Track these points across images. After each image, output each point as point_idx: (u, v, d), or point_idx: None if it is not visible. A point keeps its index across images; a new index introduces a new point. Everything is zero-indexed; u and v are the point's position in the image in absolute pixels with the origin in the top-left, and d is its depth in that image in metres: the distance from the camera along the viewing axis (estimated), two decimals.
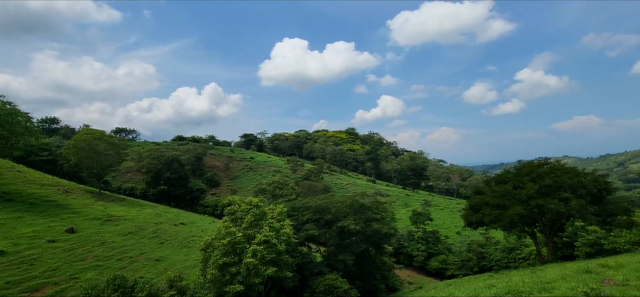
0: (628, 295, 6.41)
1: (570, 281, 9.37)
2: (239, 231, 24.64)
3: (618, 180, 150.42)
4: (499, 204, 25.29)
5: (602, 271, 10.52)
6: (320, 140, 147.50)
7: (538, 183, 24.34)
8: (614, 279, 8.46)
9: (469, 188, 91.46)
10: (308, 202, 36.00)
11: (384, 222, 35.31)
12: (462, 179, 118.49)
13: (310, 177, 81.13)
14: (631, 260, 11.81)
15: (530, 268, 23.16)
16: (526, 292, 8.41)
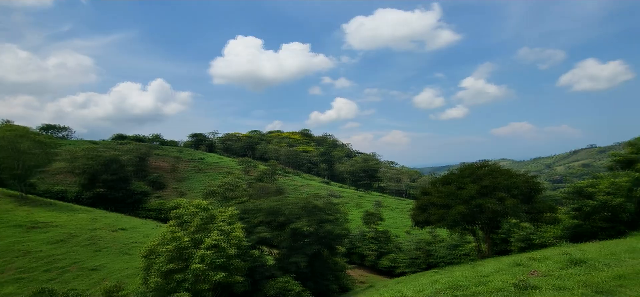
0: (549, 284, 7.19)
1: (504, 274, 10.29)
2: (186, 236, 23.48)
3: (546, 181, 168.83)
4: (444, 204, 27.01)
5: (530, 263, 11.68)
6: (274, 141, 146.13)
7: (478, 184, 26.42)
8: (540, 270, 9.44)
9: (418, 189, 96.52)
10: (260, 204, 35.42)
11: (337, 223, 35.90)
12: (411, 181, 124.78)
13: (263, 178, 79.91)
14: (554, 252, 13.27)
15: (471, 263, 25.07)
16: (465, 287, 9.08)
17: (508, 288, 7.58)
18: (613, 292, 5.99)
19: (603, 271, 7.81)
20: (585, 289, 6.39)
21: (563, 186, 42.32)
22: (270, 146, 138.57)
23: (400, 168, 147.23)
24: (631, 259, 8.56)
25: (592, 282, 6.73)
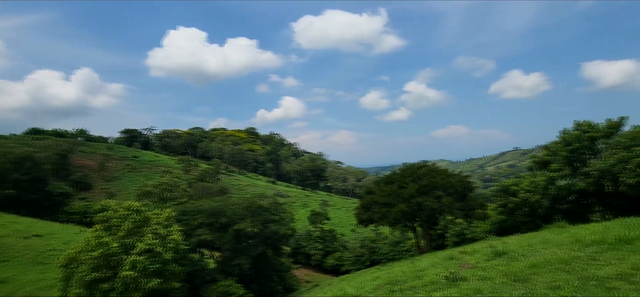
0: (476, 275, 7.85)
1: (438, 268, 11.02)
2: (115, 241, 21.55)
3: (478, 180, 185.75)
4: (387, 203, 28.28)
5: (461, 256, 12.68)
6: (218, 139, 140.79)
7: (418, 183, 28.11)
8: (469, 262, 10.28)
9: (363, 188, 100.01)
10: (201, 204, 33.86)
11: (282, 223, 35.71)
12: (357, 180, 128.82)
13: (205, 178, 76.54)
14: (482, 246, 14.55)
15: (410, 259, 26.58)
16: (403, 281, 9.56)
17: (440, 281, 8.12)
18: (527, 280, 6.72)
19: (521, 261, 8.73)
20: (505, 278, 7.09)
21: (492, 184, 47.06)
22: (214, 144, 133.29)
23: (347, 168, 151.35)
24: (543, 249, 9.69)
25: (511, 272, 7.48)
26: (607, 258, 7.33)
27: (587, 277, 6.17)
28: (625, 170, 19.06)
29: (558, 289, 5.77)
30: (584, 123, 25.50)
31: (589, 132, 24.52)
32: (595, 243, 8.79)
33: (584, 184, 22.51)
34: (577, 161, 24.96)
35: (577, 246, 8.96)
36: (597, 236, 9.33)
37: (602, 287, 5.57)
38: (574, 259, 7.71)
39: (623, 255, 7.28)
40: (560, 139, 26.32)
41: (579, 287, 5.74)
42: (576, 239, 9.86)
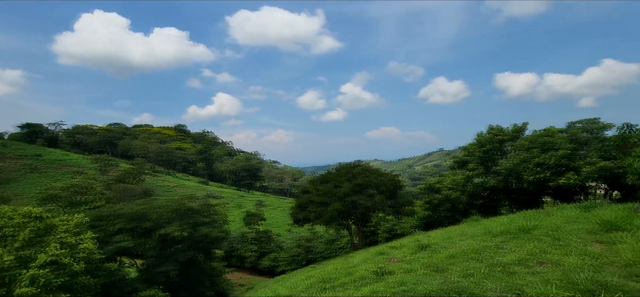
0: (401, 268, 8.37)
1: (369, 263, 11.51)
2: (8, 253, 18.52)
3: (407, 179, 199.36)
4: (322, 202, 28.84)
5: (390, 251, 13.42)
6: (142, 137, 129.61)
7: (352, 182, 29.16)
8: (397, 257, 10.91)
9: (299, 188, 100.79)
10: (121, 208, 30.83)
11: (214, 225, 34.23)
12: (294, 180, 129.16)
13: (126, 179, 69.82)
14: (409, 240, 15.58)
15: (344, 256, 27.44)
16: (335, 279, 9.79)
17: (370, 276, 8.48)
18: (446, 269, 7.36)
19: (441, 252, 9.52)
20: (427, 270, 7.67)
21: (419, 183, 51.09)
22: (138, 142, 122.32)
23: (283, 167, 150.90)
24: (460, 241, 10.71)
25: (432, 263, 8.11)
26: (510, 246, 8.34)
27: (494, 264, 6.95)
28: (527, 169, 22.03)
29: (470, 277, 6.40)
30: (496, 127, 28.89)
31: (499, 135, 27.85)
32: (502, 234, 9.95)
33: (495, 181, 25.48)
34: (489, 160, 28.17)
35: (488, 237, 10.05)
36: (504, 227, 10.57)
37: (505, 272, 6.31)
38: (484, 248, 8.63)
39: (523, 243, 8.36)
40: (476, 141, 29.47)
41: (487, 273, 6.43)
42: (487, 230, 11.05)
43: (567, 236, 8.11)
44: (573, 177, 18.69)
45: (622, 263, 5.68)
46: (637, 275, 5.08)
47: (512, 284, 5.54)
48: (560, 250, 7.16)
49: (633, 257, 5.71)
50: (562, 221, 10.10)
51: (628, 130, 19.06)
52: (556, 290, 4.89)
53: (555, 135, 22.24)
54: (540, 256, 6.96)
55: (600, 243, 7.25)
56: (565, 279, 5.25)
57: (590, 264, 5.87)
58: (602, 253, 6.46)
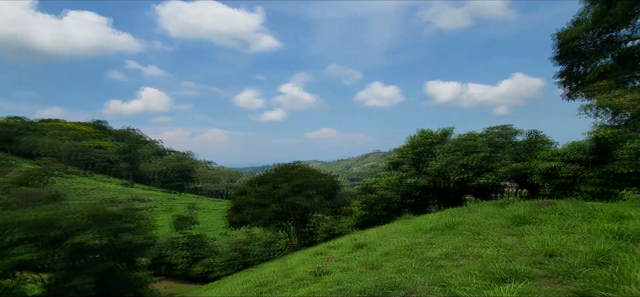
0: (339, 267, 8.57)
1: (306, 264, 11.58)
2: None
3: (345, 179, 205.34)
4: (260, 203, 28.34)
5: (328, 251, 13.66)
6: (51, 133, 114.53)
7: (291, 183, 29.16)
8: (334, 256, 11.13)
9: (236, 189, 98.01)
10: (21, 215, 26.77)
11: (139, 231, 31.54)
12: (230, 181, 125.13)
13: (29, 181, 60.94)
14: (346, 240, 16.04)
15: (282, 258, 27.32)
16: (272, 282, 9.66)
17: (307, 277, 8.53)
18: (380, 266, 7.71)
19: (376, 250, 9.96)
20: (363, 268, 7.96)
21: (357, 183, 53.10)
22: (46, 139, 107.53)
23: (219, 168, 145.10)
24: (394, 238, 11.31)
25: (368, 261, 8.44)
26: (438, 242, 9.04)
27: (423, 259, 7.46)
28: (453, 170, 24.16)
29: (402, 272, 6.78)
30: (426, 131, 31.19)
31: (429, 138, 30.12)
32: (431, 230, 10.74)
33: (425, 181, 27.48)
34: (420, 162, 30.31)
35: (419, 234, 10.77)
36: (433, 224, 11.43)
37: (433, 266, 6.82)
38: (415, 244, 9.22)
39: (449, 238, 9.11)
40: (409, 144, 31.51)
41: (418, 268, 6.88)
42: (418, 228, 11.84)
43: (485, 230, 9.04)
44: (490, 177, 20.98)
45: (529, 253, 6.49)
46: (540, 262, 5.84)
47: (439, 277, 5.99)
48: (480, 243, 7.95)
49: (537, 247, 6.56)
50: (481, 217, 11.23)
51: (534, 136, 21.99)
52: (476, 280, 5.41)
53: (476, 140, 24.73)
54: (463, 250, 7.65)
55: (512, 236, 8.21)
56: (484, 269, 5.84)
57: (504, 254, 6.61)
58: (513, 245, 7.32)
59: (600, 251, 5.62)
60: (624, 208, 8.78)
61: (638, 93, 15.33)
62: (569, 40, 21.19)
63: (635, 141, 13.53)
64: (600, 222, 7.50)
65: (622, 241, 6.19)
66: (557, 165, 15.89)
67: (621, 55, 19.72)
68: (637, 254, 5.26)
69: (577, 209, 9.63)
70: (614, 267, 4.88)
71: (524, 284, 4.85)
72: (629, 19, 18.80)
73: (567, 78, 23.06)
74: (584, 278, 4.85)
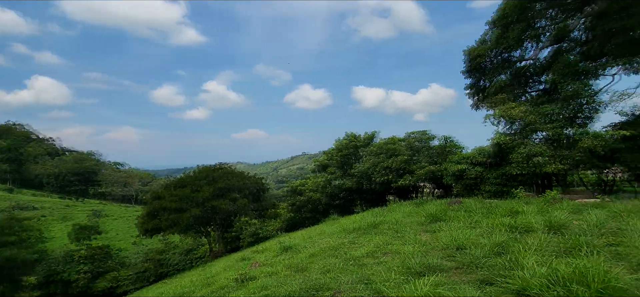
0: (264, 272, 8.44)
1: (230, 271, 11.18)
2: None
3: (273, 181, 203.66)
4: (178, 208, 26.55)
5: (253, 256, 13.38)
6: None
7: (213, 186, 27.92)
8: (260, 261, 10.93)
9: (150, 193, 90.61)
10: None
11: (24, 246, 27.16)
12: (143, 184, 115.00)
13: None
14: (272, 243, 15.90)
15: (203, 266, 25.95)
16: (191, 292, 9.11)
17: (231, 284, 8.23)
18: (306, 268, 7.79)
19: (303, 252, 10.04)
20: (289, 271, 7.96)
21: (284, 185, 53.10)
22: None
23: (130, 170, 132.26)
24: (320, 240, 11.55)
25: (294, 264, 8.46)
26: (362, 241, 9.47)
27: (348, 259, 7.74)
28: (376, 172, 25.60)
29: (328, 273, 6.95)
30: (351, 134, 32.58)
31: (354, 141, 31.51)
32: (355, 230, 11.21)
33: (351, 183, 28.63)
34: (346, 164, 31.51)
35: (344, 234, 11.16)
36: (357, 224, 11.95)
37: (357, 265, 7.12)
38: (341, 245, 9.53)
39: (372, 237, 9.61)
40: (336, 146, 32.56)
41: (343, 268, 7.11)
42: (343, 228, 12.27)
43: (405, 228, 9.76)
44: (409, 178, 22.75)
45: (441, 247, 7.18)
46: (451, 255, 6.50)
47: (363, 275, 6.27)
48: (399, 240, 8.54)
49: (448, 241, 7.28)
50: (401, 216, 12.09)
51: (447, 141, 24.50)
52: (396, 275, 5.78)
53: (397, 144, 26.60)
54: (385, 247, 8.13)
55: (428, 232, 8.99)
56: (403, 264, 6.28)
57: (420, 250, 7.20)
58: (429, 240, 8.02)
59: (498, 243, 6.47)
60: (516, 204, 10.26)
61: (527, 106, 18.11)
62: (476, 56, 24.17)
63: (524, 147, 15.96)
64: (498, 217, 8.65)
65: (515, 232, 7.22)
66: (465, 167, 17.93)
67: (515, 73, 23.13)
68: (527, 243, 6.18)
69: (480, 206, 10.98)
70: (509, 255, 5.66)
71: (437, 276, 5.33)
72: (521, 43, 22.15)
73: (474, 90, 26.20)
74: (486, 267, 5.52)
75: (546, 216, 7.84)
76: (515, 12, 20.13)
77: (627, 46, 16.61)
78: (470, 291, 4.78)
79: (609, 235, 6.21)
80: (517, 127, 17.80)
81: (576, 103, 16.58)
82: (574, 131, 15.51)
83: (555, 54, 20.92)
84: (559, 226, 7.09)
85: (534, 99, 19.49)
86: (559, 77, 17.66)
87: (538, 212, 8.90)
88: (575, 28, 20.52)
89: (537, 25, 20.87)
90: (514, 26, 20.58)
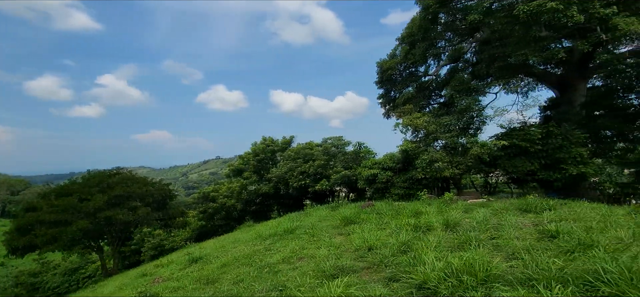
0: (168, 287, 7.82)
1: (126, 289, 10.09)
2: None
3: (181, 188, 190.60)
4: (59, 221, 22.99)
5: (155, 271, 12.30)
6: None
7: (108, 194, 24.97)
8: (163, 275, 10.09)
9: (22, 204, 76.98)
10: None
11: None
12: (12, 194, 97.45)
13: None
14: (179, 255, 14.84)
15: (93, 286, 22.91)
16: None
17: None
18: (217, 280, 7.46)
19: (213, 262, 9.59)
20: (197, 284, 7.52)
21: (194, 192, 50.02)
22: None
23: None
24: (234, 248, 11.18)
25: (203, 276, 8.02)
26: (277, 247, 9.44)
27: (262, 266, 7.63)
28: (293, 177, 25.86)
29: (241, 282, 6.75)
30: (268, 138, 32.41)
31: (271, 146, 31.42)
32: (271, 236, 11.13)
33: (267, 188, 28.41)
34: (263, 168, 31.19)
35: (259, 241, 10.99)
36: (273, 230, 11.88)
37: (271, 272, 7.06)
38: (255, 252, 9.36)
39: (287, 242, 9.65)
40: (252, 151, 32.02)
41: (256, 276, 6.99)
42: (259, 235, 12.08)
43: (320, 232, 10.02)
44: (326, 183, 23.52)
45: (354, 249, 7.55)
46: (362, 256, 6.88)
47: (277, 282, 6.25)
48: (314, 244, 8.74)
49: (360, 243, 7.70)
50: (316, 220, 12.40)
51: (360, 147, 26.02)
52: (310, 279, 5.90)
53: (314, 149, 27.32)
54: (300, 252, 8.23)
55: (341, 235, 9.38)
56: (317, 268, 6.44)
57: (334, 253, 7.47)
58: (342, 243, 8.37)
59: (404, 242, 7.07)
60: (420, 206, 11.36)
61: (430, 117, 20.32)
62: (387, 69, 26.28)
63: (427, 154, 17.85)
64: (405, 218, 9.47)
65: (419, 231, 7.98)
66: (377, 172, 19.25)
67: (420, 86, 25.76)
68: (428, 241, 6.88)
69: (389, 208, 11.87)
70: (413, 253, 6.22)
71: (349, 277, 5.59)
72: (425, 59, 24.80)
73: (385, 100, 28.38)
74: (393, 265, 5.99)
75: (444, 216, 8.84)
76: (420, 31, 22.43)
77: (506, 70, 19.82)
78: (378, 289, 5.11)
79: (492, 230, 7.27)
80: (421, 135, 19.77)
81: (468, 116, 19.12)
82: (466, 140, 17.85)
83: (452, 72, 23.91)
84: (454, 224, 8.06)
85: (435, 110, 21.89)
86: (455, 93, 20.18)
87: (438, 212, 9.99)
88: (467, 51, 23.76)
89: (438, 45, 23.58)
90: (419, 44, 22.90)
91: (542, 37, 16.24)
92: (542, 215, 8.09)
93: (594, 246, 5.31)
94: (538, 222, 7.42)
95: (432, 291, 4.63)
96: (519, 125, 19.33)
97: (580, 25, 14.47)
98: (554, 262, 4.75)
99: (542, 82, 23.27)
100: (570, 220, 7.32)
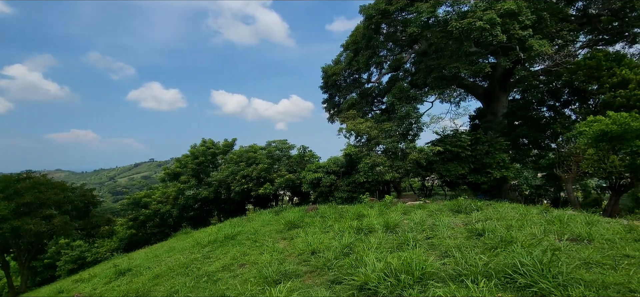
0: None
1: None
2: None
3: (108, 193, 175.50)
4: None
5: (75, 286, 11.16)
6: None
7: (16, 201, 22.20)
8: (84, 292, 9.20)
9: None
10: None
11: None
12: None
13: None
14: (104, 268, 13.62)
15: None
16: None
17: None
18: (149, 293, 6.96)
19: (145, 274, 8.96)
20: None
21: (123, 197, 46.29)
22: None
23: None
24: (168, 258, 10.55)
25: (132, 289, 7.46)
26: (217, 254, 9.11)
27: (200, 276, 7.31)
28: (235, 180, 25.19)
29: (175, 294, 6.39)
30: (208, 141, 31.22)
31: (212, 148, 30.30)
32: (210, 243, 10.71)
33: (207, 192, 27.30)
34: (202, 172, 29.93)
35: (197, 249, 10.51)
36: (212, 236, 11.44)
37: (210, 281, 6.79)
38: (192, 261, 8.93)
39: (228, 249, 9.36)
40: (190, 153, 30.58)
41: (193, 286, 6.67)
42: (197, 242, 11.56)
43: (262, 237, 9.88)
44: (269, 187, 23.25)
45: (297, 253, 7.56)
46: (306, 260, 6.91)
47: (216, 291, 6.03)
48: (257, 250, 8.59)
49: (303, 247, 7.73)
50: (259, 225, 12.21)
51: (304, 151, 26.19)
52: (251, 286, 5.78)
53: (257, 152, 26.89)
54: (241, 259, 8.03)
55: (285, 239, 9.34)
56: (259, 274, 6.33)
57: (277, 258, 7.41)
58: (285, 248, 8.33)
59: (346, 244, 7.24)
60: (363, 209, 11.73)
61: (372, 122, 21.16)
62: (331, 74, 26.87)
63: (369, 158, 18.55)
64: (348, 221, 9.71)
65: (361, 233, 8.23)
66: (321, 176, 19.51)
67: (363, 92, 26.71)
68: (369, 242, 7.12)
69: (333, 211, 12.09)
70: (355, 255, 6.40)
71: (292, 282, 5.58)
72: (368, 67, 25.81)
73: (329, 104, 28.95)
74: (336, 268, 6.10)
75: (385, 218, 9.22)
76: (364, 39, 23.30)
77: (441, 80, 21.39)
78: (321, 292, 5.17)
79: (427, 230, 7.75)
80: (364, 140, 20.46)
81: (407, 122, 20.25)
82: (406, 146, 18.88)
83: (393, 80, 25.15)
84: (394, 226, 8.44)
85: (377, 116, 22.83)
86: (396, 100, 21.25)
87: (379, 214, 10.39)
88: (407, 61, 25.19)
89: (380, 53, 24.67)
90: (363, 52, 23.77)
91: (471, 52, 17.79)
92: (471, 215, 8.81)
93: (513, 242, 5.92)
94: (467, 222, 8.07)
95: (372, 292, 4.80)
96: (452, 132, 20.90)
97: (503, 44, 16.13)
98: (480, 259, 5.20)
99: (472, 93, 25.52)
100: (494, 219, 8.07)
